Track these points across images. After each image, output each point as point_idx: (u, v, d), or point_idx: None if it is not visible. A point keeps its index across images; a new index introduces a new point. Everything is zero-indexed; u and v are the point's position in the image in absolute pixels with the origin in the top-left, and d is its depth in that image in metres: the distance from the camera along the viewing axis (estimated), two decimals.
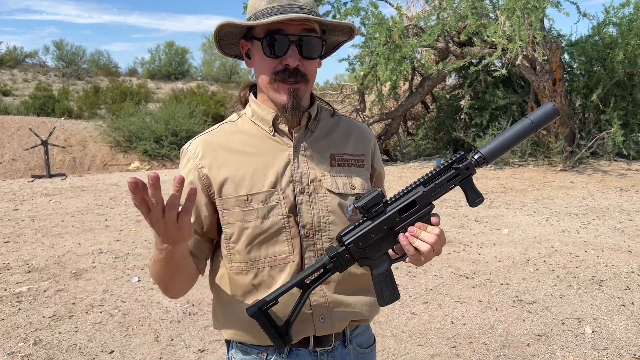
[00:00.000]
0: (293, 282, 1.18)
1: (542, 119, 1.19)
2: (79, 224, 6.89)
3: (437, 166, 1.20)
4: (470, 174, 1.18)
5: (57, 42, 37.05)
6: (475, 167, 1.18)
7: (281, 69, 1.20)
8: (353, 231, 1.18)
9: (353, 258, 1.18)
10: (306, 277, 1.18)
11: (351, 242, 1.17)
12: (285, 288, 1.17)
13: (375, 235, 1.17)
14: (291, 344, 1.27)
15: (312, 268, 1.18)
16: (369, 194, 1.16)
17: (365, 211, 1.16)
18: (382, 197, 1.16)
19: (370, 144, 1.39)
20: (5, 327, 3.73)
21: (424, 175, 1.19)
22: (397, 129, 12.65)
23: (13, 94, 26.60)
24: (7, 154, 13.32)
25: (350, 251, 1.17)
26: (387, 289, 1.20)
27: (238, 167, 1.25)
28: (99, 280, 4.70)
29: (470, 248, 5.39)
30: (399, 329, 3.60)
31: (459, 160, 1.19)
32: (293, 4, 1.19)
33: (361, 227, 1.18)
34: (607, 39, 10.47)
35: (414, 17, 11.02)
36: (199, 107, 16.88)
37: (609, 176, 9.17)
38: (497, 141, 1.19)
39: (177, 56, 38.26)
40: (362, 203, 1.16)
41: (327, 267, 1.18)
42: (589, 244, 5.39)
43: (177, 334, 3.59)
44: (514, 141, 1.19)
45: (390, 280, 1.20)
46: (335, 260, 1.17)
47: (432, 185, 1.18)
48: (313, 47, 1.21)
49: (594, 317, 3.69)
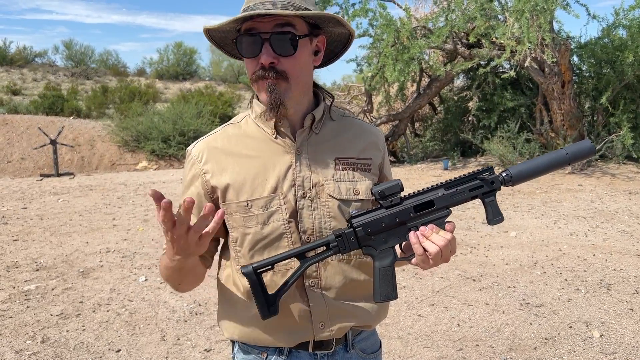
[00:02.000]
0: (293, 252, 1.15)
1: (577, 154, 1.18)
2: (87, 222, 6.92)
3: (464, 174, 1.18)
4: (494, 189, 1.16)
5: (66, 42, 37.27)
6: (500, 184, 1.16)
7: (258, 68, 1.17)
8: (364, 215, 1.15)
9: (358, 242, 1.15)
10: (307, 249, 1.15)
11: (360, 225, 1.14)
12: (284, 255, 1.15)
13: (386, 225, 1.14)
14: (290, 347, 1.26)
15: (316, 243, 1.15)
16: (389, 182, 1.14)
17: (381, 197, 1.13)
18: (400, 188, 1.14)
19: (380, 148, 1.35)
20: (14, 325, 3.76)
21: (447, 179, 1.17)
22: (404, 130, 12.63)
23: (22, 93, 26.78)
24: (16, 153, 13.41)
25: (357, 234, 1.14)
26: (386, 285, 1.16)
27: (239, 172, 1.23)
28: (106, 279, 4.72)
29: (477, 250, 5.37)
30: (405, 331, 3.59)
31: (485, 171, 1.17)
32: (266, 1, 1.15)
33: (373, 212, 1.15)
34: (616, 41, 10.40)
35: (422, 18, 11.00)
36: (207, 108, 16.93)
37: (617, 179, 9.10)
38: (528, 164, 1.17)
39: (186, 56, 38.35)
40: (380, 189, 1.13)
41: (331, 246, 1.15)
42: (597, 247, 5.36)
43: (183, 334, 3.60)
44: (546, 169, 1.17)
45: (390, 276, 1.16)
46: (340, 240, 1.14)
47: (454, 190, 1.16)
48: (287, 42, 1.15)
49: (602, 321, 3.66)
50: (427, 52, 11.45)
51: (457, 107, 13.07)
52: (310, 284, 1.23)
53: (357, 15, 10.40)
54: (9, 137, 13.92)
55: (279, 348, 1.27)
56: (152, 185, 10.07)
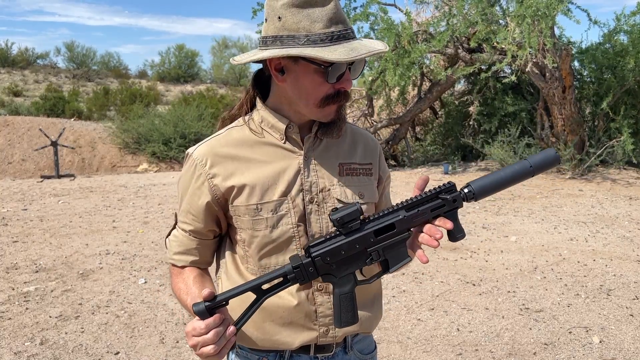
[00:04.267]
0: (248, 286, 1.11)
1: (541, 164, 1.14)
2: (87, 224, 6.92)
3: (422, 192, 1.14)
4: (456, 207, 1.13)
5: (68, 44, 37.33)
6: (462, 201, 1.13)
7: (333, 92, 1.18)
8: (323, 244, 1.11)
9: (317, 272, 1.11)
10: (263, 282, 1.11)
11: (318, 255, 1.10)
12: (239, 290, 1.11)
13: (346, 252, 1.11)
14: (292, 350, 1.27)
15: (272, 275, 1.12)
16: (347, 207, 1.10)
17: (340, 225, 1.10)
18: (360, 213, 1.10)
19: (376, 152, 1.38)
20: (12, 327, 3.75)
21: (408, 199, 1.14)
22: (405, 134, 12.63)
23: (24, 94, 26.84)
24: (17, 154, 13.42)
25: (316, 265, 1.11)
26: (346, 312, 1.14)
27: (248, 176, 1.23)
28: (105, 281, 4.72)
29: (477, 255, 5.36)
30: (404, 335, 3.59)
31: (447, 190, 1.13)
32: (348, 28, 1.16)
33: (332, 241, 1.11)
34: (617, 46, 10.41)
35: (423, 23, 11.00)
36: (208, 110, 16.91)
37: (618, 184, 9.10)
38: (490, 178, 1.14)
39: (187, 59, 38.42)
40: (338, 216, 1.09)
41: (288, 277, 1.11)
42: (597, 253, 5.35)
43: (182, 336, 3.59)
44: (508, 182, 1.14)
45: (351, 302, 1.14)
46: (298, 272, 1.10)
47: (415, 211, 1.12)
48: (360, 67, 1.21)
49: (602, 326, 3.66)
50: (428, 56, 11.46)
51: (458, 112, 13.07)
52: (319, 287, 1.24)
53: (358, 19, 10.42)
54: (10, 138, 13.94)
55: (279, 352, 1.28)
56: (153, 188, 10.07)
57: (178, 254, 1.31)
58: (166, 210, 7.79)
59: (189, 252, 1.31)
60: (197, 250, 1.30)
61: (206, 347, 1.06)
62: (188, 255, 1.31)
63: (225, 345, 1.09)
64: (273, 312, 1.24)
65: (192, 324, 1.08)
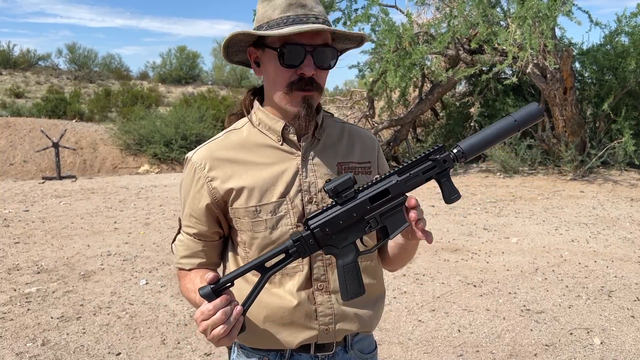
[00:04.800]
0: (252, 264, 1.12)
1: (526, 119, 1.16)
2: (88, 226, 6.93)
3: (413, 156, 1.16)
4: (447, 168, 1.14)
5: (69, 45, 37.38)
6: (453, 161, 1.14)
7: (296, 79, 1.19)
8: (320, 215, 1.12)
9: (318, 244, 1.12)
10: (266, 260, 1.12)
11: (317, 226, 1.11)
12: (243, 270, 1.12)
13: (344, 222, 1.12)
14: (292, 349, 1.27)
15: (274, 251, 1.12)
16: (340, 177, 1.11)
17: (335, 195, 1.11)
18: (353, 182, 1.11)
19: (374, 150, 1.38)
20: (14, 327, 3.76)
21: (398, 165, 1.15)
22: (406, 136, 12.63)
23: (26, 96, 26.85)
24: (19, 156, 13.44)
25: (316, 236, 1.11)
26: (352, 283, 1.14)
27: (247, 178, 1.24)
28: (107, 282, 4.72)
29: (478, 256, 5.36)
30: (405, 337, 3.59)
31: (437, 151, 1.15)
32: (309, 14, 1.18)
33: (329, 211, 1.12)
34: (619, 47, 10.41)
35: (424, 24, 11.01)
36: (209, 112, 16.92)
37: (619, 186, 9.09)
38: (478, 137, 1.16)
39: (188, 60, 38.43)
40: (332, 186, 1.10)
41: (290, 252, 1.12)
42: (598, 254, 5.35)
43: (183, 337, 3.60)
44: (495, 139, 1.16)
45: (355, 272, 1.14)
46: (299, 245, 1.11)
47: (407, 175, 1.14)
48: (327, 57, 1.21)
49: (603, 328, 3.66)
50: (429, 57, 11.45)
51: (459, 113, 13.08)
52: (319, 287, 1.25)
53: (359, 20, 10.42)
54: (12, 139, 13.95)
55: (280, 351, 1.28)
56: (154, 189, 10.08)
57: (185, 257, 1.32)
58: (167, 212, 7.80)
59: (196, 255, 1.31)
60: (203, 253, 1.31)
61: (216, 328, 1.06)
62: (195, 258, 1.32)
63: (235, 326, 1.08)
64: (274, 313, 1.24)
65: (200, 309, 1.08)
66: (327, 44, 1.21)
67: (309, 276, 1.25)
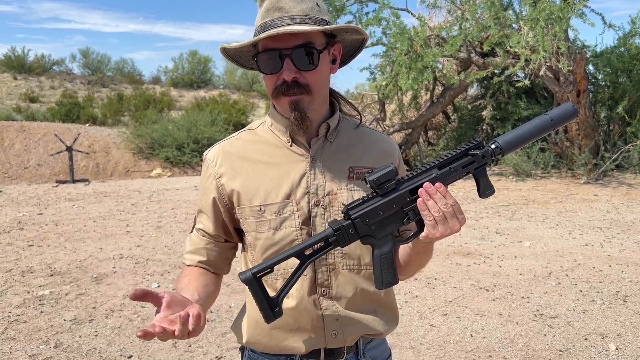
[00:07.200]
0: (292, 252, 1.13)
1: (561, 118, 1.18)
2: (101, 229, 6.98)
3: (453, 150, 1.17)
4: (485, 163, 1.16)
5: (83, 50, 37.72)
6: (491, 157, 1.16)
7: (280, 83, 1.18)
8: (361, 205, 1.13)
9: (357, 234, 1.13)
10: (306, 247, 1.12)
11: (358, 216, 1.12)
12: (283, 256, 1.12)
13: (384, 212, 1.13)
14: (302, 355, 1.26)
15: (314, 239, 1.13)
16: (382, 168, 1.12)
17: (376, 186, 1.12)
18: (395, 174, 1.12)
19: (394, 157, 1.35)
20: (28, 330, 3.79)
21: (438, 158, 1.16)
22: (417, 139, 12.59)
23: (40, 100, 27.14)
24: (33, 159, 13.58)
25: (356, 226, 1.12)
26: (387, 272, 1.15)
27: (254, 177, 1.24)
28: (119, 285, 4.75)
29: (490, 260, 5.32)
30: (417, 341, 3.57)
31: (475, 147, 1.16)
32: (284, 16, 1.15)
33: (370, 202, 1.13)
34: (633, 50, 10.31)
35: (435, 27, 10.98)
36: (221, 115, 17.00)
37: (634, 189, 8.98)
38: (515, 133, 1.17)
39: (200, 65, 38.65)
40: (375, 177, 1.11)
41: (330, 240, 1.12)
42: (613, 259, 5.28)
43: (194, 340, 3.60)
44: (532, 136, 1.17)
45: (391, 262, 1.15)
46: (339, 234, 1.12)
47: (447, 169, 1.15)
48: (307, 58, 1.16)
49: (618, 333, 3.60)
50: (441, 60, 11.42)
51: (471, 116, 13.02)
52: (322, 292, 1.24)
53: (370, 24, 10.41)
54: (26, 143, 14.11)
55: (290, 356, 1.28)
56: (166, 193, 10.13)
57: (188, 252, 1.34)
58: (179, 215, 7.84)
59: (198, 252, 1.32)
60: (205, 250, 1.31)
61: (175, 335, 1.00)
62: (196, 255, 1.32)
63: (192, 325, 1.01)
64: (279, 319, 1.23)
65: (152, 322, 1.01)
66: (308, 44, 1.16)
67: (314, 281, 1.24)
